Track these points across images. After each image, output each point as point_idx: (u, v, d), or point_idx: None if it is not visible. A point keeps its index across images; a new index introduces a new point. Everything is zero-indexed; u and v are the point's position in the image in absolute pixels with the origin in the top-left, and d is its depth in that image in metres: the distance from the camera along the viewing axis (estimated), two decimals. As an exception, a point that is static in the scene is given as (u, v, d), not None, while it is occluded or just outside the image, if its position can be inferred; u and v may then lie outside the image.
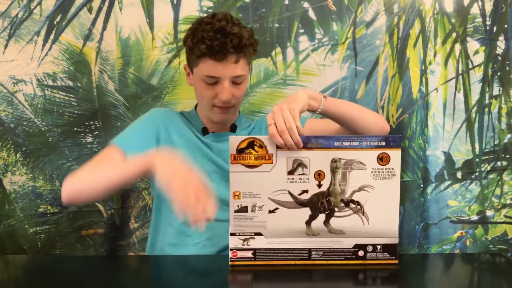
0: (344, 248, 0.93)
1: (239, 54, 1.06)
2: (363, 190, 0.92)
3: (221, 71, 1.06)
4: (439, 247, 1.48)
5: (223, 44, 1.03)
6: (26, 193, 1.45)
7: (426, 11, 1.41)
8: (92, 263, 1.00)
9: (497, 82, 1.42)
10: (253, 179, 0.91)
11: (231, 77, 1.07)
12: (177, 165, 0.91)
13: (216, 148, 1.16)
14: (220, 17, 1.06)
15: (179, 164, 0.91)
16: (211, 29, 1.04)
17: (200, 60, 1.06)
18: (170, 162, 0.92)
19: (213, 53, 1.04)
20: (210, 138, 1.17)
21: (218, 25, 1.05)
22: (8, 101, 1.42)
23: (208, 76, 1.07)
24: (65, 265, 1.00)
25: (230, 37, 1.04)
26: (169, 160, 0.92)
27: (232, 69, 1.06)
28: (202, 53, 1.05)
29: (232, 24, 1.06)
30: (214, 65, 1.05)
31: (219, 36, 1.04)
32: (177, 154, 0.94)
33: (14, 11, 1.38)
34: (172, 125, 1.16)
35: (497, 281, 0.94)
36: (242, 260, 0.93)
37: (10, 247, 1.45)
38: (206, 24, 1.06)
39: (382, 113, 1.44)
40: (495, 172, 1.45)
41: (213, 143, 1.17)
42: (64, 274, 0.94)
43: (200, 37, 1.05)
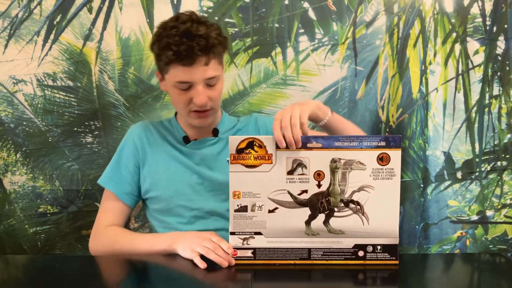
0: (344, 248, 0.93)
1: (209, 55, 1.02)
2: (363, 190, 0.92)
3: (192, 76, 1.02)
4: (439, 247, 1.48)
5: (190, 48, 0.99)
6: (26, 193, 1.45)
7: (426, 11, 1.41)
8: (92, 263, 1.00)
9: (497, 82, 1.42)
10: (252, 179, 0.91)
11: (203, 80, 1.03)
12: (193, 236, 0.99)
13: (197, 156, 1.14)
14: (185, 18, 1.02)
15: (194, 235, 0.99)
16: (176, 33, 1.00)
17: (169, 66, 1.03)
18: (188, 239, 0.98)
19: (181, 59, 1.00)
20: (191, 146, 1.15)
21: (182, 28, 1.00)
22: (8, 101, 1.42)
23: (179, 82, 1.03)
24: (65, 265, 1.00)
25: (196, 40, 1.00)
26: (187, 239, 0.99)
27: (203, 72, 1.02)
28: (170, 60, 1.01)
29: (197, 25, 1.01)
30: (184, 70, 1.02)
31: (185, 40, 0.99)
32: None
33: (14, 11, 1.38)
34: (149, 145, 1.15)
35: (497, 281, 0.94)
36: (242, 259, 0.93)
37: (10, 247, 1.45)
38: (170, 28, 1.01)
39: (382, 113, 1.44)
40: (495, 172, 1.45)
41: (194, 151, 1.15)
42: (64, 274, 0.94)
43: (165, 43, 1.00)
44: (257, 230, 0.93)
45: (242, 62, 1.42)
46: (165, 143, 1.15)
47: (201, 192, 1.12)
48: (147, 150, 1.15)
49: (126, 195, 1.14)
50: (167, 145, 1.15)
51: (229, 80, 1.43)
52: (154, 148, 1.15)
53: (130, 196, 1.14)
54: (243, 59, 1.42)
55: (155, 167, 1.14)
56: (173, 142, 1.16)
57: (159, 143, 1.15)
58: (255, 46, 1.41)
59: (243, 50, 1.42)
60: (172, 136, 1.17)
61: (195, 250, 0.95)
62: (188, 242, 0.97)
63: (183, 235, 1.01)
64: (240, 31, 1.41)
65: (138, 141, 1.15)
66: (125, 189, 1.14)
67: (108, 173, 1.16)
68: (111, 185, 1.14)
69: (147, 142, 1.15)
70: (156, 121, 1.20)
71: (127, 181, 1.14)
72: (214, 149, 1.15)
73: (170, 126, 1.19)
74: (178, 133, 1.17)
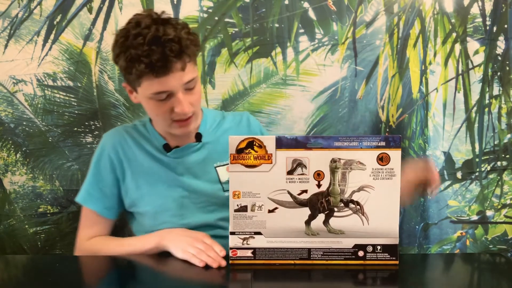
0: (344, 248, 0.93)
1: (183, 59, 0.93)
2: (363, 190, 0.92)
3: (170, 85, 0.94)
4: (439, 247, 1.48)
5: (163, 57, 0.90)
6: (26, 193, 1.45)
7: (426, 11, 1.41)
8: (92, 263, 1.00)
9: (497, 82, 1.42)
10: (252, 179, 0.91)
11: (182, 86, 0.96)
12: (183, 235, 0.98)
13: (181, 166, 1.07)
14: (148, 22, 0.92)
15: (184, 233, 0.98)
16: (142, 41, 0.90)
17: (142, 79, 0.93)
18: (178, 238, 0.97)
19: (155, 70, 0.91)
20: (172, 155, 1.07)
21: (148, 34, 0.90)
22: (8, 101, 1.42)
23: (156, 94, 0.95)
24: (65, 265, 1.00)
25: (168, 45, 0.90)
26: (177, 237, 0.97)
27: (180, 78, 0.94)
28: (142, 73, 0.92)
29: (163, 27, 0.92)
30: (160, 81, 0.93)
31: (155, 47, 0.90)
32: None
33: (14, 11, 1.38)
34: (125, 157, 1.06)
35: (497, 281, 0.94)
36: (242, 259, 0.93)
37: (10, 247, 1.45)
38: (134, 36, 0.91)
39: (382, 113, 1.44)
40: (495, 172, 1.45)
41: (176, 160, 1.07)
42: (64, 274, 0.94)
43: (134, 55, 0.90)
44: (257, 230, 0.93)
45: (242, 62, 1.42)
46: (143, 153, 1.07)
47: (188, 205, 1.06)
48: (124, 163, 1.07)
49: (108, 209, 1.08)
50: (145, 155, 1.07)
51: (229, 80, 1.43)
52: (131, 161, 1.07)
53: (111, 210, 1.09)
54: (243, 59, 1.42)
55: (135, 182, 1.06)
56: (152, 151, 1.07)
57: (136, 154, 1.07)
58: (255, 46, 1.41)
59: (243, 50, 1.42)
60: (150, 144, 1.08)
61: (187, 250, 0.94)
62: (180, 242, 0.96)
63: (172, 233, 1.00)
64: (240, 31, 1.41)
65: (113, 153, 1.07)
66: (106, 204, 1.08)
67: (87, 190, 1.09)
68: (91, 203, 1.08)
69: (123, 154, 1.07)
70: (130, 126, 1.11)
71: (107, 195, 1.08)
72: (199, 156, 1.08)
73: (147, 132, 1.09)
74: (157, 141, 1.08)
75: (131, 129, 1.10)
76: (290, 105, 1.44)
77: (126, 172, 1.07)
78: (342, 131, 1.45)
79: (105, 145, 1.09)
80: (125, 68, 0.94)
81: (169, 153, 1.07)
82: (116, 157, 1.07)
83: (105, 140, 1.09)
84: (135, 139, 1.08)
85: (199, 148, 1.09)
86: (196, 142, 1.09)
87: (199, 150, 1.09)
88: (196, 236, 0.98)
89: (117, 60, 0.96)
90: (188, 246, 0.95)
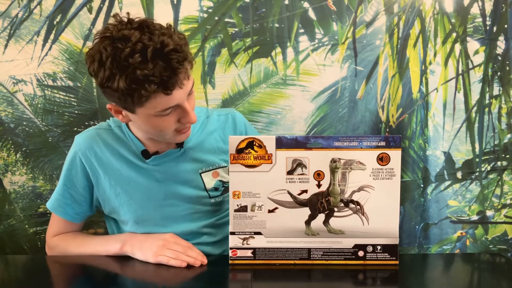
0: (344, 248, 0.93)
1: (184, 66, 0.85)
2: (363, 190, 0.92)
3: (179, 97, 0.87)
4: (439, 247, 1.48)
5: (172, 70, 0.82)
6: (26, 193, 1.45)
7: (426, 11, 1.40)
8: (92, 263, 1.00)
9: (497, 82, 1.42)
10: (252, 179, 0.91)
11: (186, 96, 0.89)
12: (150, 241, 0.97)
13: (162, 173, 1.00)
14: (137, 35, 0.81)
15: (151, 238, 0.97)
16: (145, 58, 0.80)
17: (147, 99, 0.85)
18: (145, 244, 0.96)
19: (168, 87, 0.83)
20: (152, 162, 1.00)
21: (148, 50, 0.81)
22: (8, 101, 1.42)
23: (164, 110, 0.87)
24: (65, 265, 1.00)
25: (173, 56, 0.82)
26: (143, 243, 0.97)
27: (186, 87, 0.87)
28: (150, 93, 0.83)
29: (160, 36, 0.82)
30: (170, 97, 0.85)
31: (162, 62, 0.81)
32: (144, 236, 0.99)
33: (14, 11, 1.38)
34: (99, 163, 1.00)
35: (497, 281, 0.93)
36: (242, 259, 0.93)
37: (10, 247, 1.45)
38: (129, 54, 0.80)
39: (382, 113, 1.44)
40: (495, 172, 1.45)
41: (156, 168, 1.00)
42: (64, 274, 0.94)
43: (140, 76, 0.80)
44: (257, 230, 0.93)
45: (242, 62, 1.42)
46: (119, 160, 1.00)
47: (171, 214, 1.02)
48: (99, 169, 1.00)
49: (77, 215, 1.06)
50: (121, 162, 1.00)
51: (229, 80, 1.43)
52: (107, 167, 1.00)
53: (81, 215, 1.07)
54: (243, 59, 1.42)
55: (113, 189, 1.01)
56: (129, 157, 1.00)
57: (111, 161, 1.00)
58: (255, 46, 1.41)
59: (243, 50, 1.41)
60: (127, 149, 1.00)
61: (163, 254, 0.93)
62: (149, 248, 0.95)
63: (135, 238, 0.98)
64: (240, 31, 1.41)
65: (85, 159, 1.00)
66: (76, 210, 1.05)
67: (57, 197, 1.04)
68: (60, 211, 1.04)
69: (96, 159, 1.00)
70: (104, 129, 1.03)
71: (78, 201, 1.04)
72: (181, 162, 1.02)
73: (123, 135, 1.01)
74: (135, 146, 1.00)
75: (105, 133, 1.02)
76: (290, 105, 1.44)
77: (102, 178, 1.01)
78: (342, 131, 1.45)
79: (76, 150, 1.02)
80: (126, 91, 0.83)
81: (148, 160, 1.00)
82: (88, 162, 1.00)
83: (76, 144, 1.02)
84: (109, 145, 1.01)
85: (180, 154, 1.02)
86: (177, 148, 1.01)
87: (181, 155, 1.02)
88: (166, 238, 0.97)
89: (110, 84, 0.83)
90: (163, 249, 0.94)
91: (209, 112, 1.10)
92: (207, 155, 1.05)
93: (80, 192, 1.04)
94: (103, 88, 0.85)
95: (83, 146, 1.01)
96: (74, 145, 1.03)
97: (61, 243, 1.07)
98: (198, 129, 1.05)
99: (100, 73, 0.84)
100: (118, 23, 0.85)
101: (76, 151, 1.02)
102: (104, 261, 0.99)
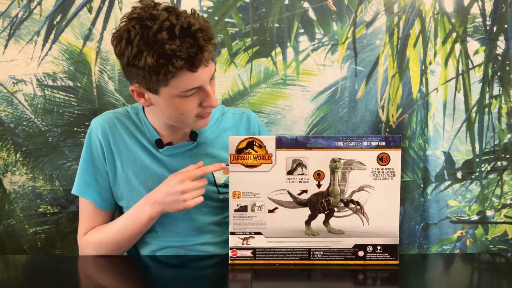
0: (344, 248, 0.93)
1: (209, 47, 0.87)
2: (363, 190, 0.92)
3: (202, 78, 0.88)
4: (439, 247, 1.48)
5: (199, 48, 0.85)
6: (26, 193, 1.45)
7: (426, 11, 1.40)
8: (92, 263, 1.00)
9: (497, 82, 1.42)
10: (252, 179, 0.91)
11: (209, 79, 0.91)
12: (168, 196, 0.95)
13: (174, 165, 1.01)
14: (165, 15, 0.84)
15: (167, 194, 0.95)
16: (173, 35, 0.83)
17: (173, 77, 0.86)
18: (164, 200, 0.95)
19: (194, 64, 0.85)
20: (165, 152, 1.01)
21: (176, 27, 0.83)
22: (8, 101, 1.42)
23: (188, 90, 0.89)
24: (65, 265, 1.00)
25: (199, 34, 0.84)
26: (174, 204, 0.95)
27: (210, 68, 0.90)
28: (177, 69, 0.84)
29: (186, 18, 0.85)
30: (194, 76, 0.87)
31: (189, 39, 0.84)
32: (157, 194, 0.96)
33: (14, 11, 1.38)
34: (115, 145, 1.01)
35: (497, 281, 0.94)
36: (242, 259, 0.93)
37: (10, 247, 1.45)
38: (158, 31, 0.83)
39: (382, 113, 1.44)
40: (495, 172, 1.45)
41: (168, 159, 1.01)
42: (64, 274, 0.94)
43: (168, 51, 0.82)
44: (257, 230, 0.93)
45: (242, 62, 1.42)
46: (135, 144, 1.01)
47: None
48: (114, 151, 1.01)
49: (106, 202, 1.04)
50: (136, 147, 1.01)
51: (229, 80, 1.43)
52: (120, 150, 1.01)
53: (108, 202, 1.05)
54: (243, 59, 1.42)
55: (125, 173, 1.01)
56: (144, 143, 1.02)
57: (127, 143, 1.01)
58: (255, 46, 1.41)
59: (243, 50, 1.42)
60: (142, 136, 1.02)
61: (190, 205, 0.94)
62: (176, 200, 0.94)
63: (157, 196, 0.96)
64: (240, 31, 1.41)
65: (103, 138, 1.01)
66: (103, 196, 1.03)
67: (83, 180, 1.03)
68: (89, 194, 1.02)
69: (113, 141, 1.01)
70: (122, 113, 1.04)
71: (104, 187, 1.03)
72: (193, 156, 1.03)
73: (139, 122, 1.03)
74: (150, 134, 1.02)
75: (123, 116, 1.03)
76: (290, 105, 1.44)
77: (116, 160, 1.02)
78: (342, 131, 1.45)
79: (94, 131, 1.02)
80: (153, 68, 0.84)
81: (161, 149, 1.02)
82: (105, 142, 1.01)
83: (93, 126, 1.03)
84: (126, 128, 1.02)
85: (193, 147, 1.04)
86: (191, 141, 1.03)
87: (193, 149, 1.04)
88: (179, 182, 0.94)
89: (137, 62, 0.85)
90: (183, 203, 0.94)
91: (225, 109, 1.11)
92: (219, 151, 1.05)
93: (103, 174, 1.03)
94: (130, 67, 0.87)
95: (101, 127, 1.02)
96: (92, 128, 1.03)
97: (91, 241, 1.02)
98: (213, 125, 1.06)
99: (127, 51, 0.86)
100: (144, 6, 0.88)
101: (94, 132, 1.02)
102: (104, 261, 0.99)
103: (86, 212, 1.05)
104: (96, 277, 0.95)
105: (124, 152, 1.02)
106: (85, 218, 1.05)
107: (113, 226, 1.02)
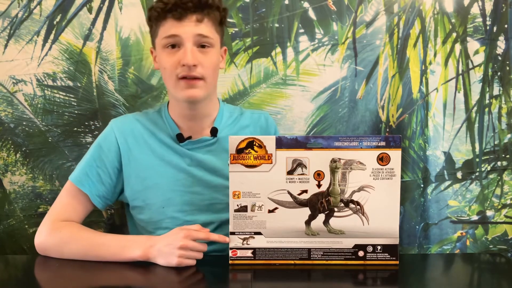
0: (344, 248, 0.93)
1: (202, 13, 0.96)
2: (363, 190, 0.92)
3: (182, 29, 0.95)
4: (439, 247, 1.48)
5: (181, 1, 0.95)
6: (26, 193, 1.45)
7: (426, 11, 1.40)
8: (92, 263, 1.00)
9: (497, 82, 1.42)
10: (252, 179, 0.91)
11: (194, 37, 0.96)
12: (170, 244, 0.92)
13: (193, 159, 1.04)
14: None
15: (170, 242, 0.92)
16: None
17: (159, 24, 0.98)
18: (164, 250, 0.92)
19: (171, 10, 0.95)
20: (185, 146, 1.04)
21: None
22: (8, 101, 1.42)
23: (168, 37, 0.97)
24: (65, 265, 1.00)
25: None
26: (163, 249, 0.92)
27: (194, 27, 0.96)
28: (159, 14, 0.97)
29: None
30: (174, 24, 0.96)
31: None
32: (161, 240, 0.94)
33: (14, 11, 1.38)
34: (136, 143, 1.04)
35: (497, 281, 0.94)
36: (242, 259, 0.93)
37: (10, 247, 1.45)
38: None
39: (382, 113, 1.44)
40: (495, 172, 1.45)
41: (188, 153, 1.04)
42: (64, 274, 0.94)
43: (155, 4, 0.97)
44: (257, 230, 0.93)
45: (242, 62, 1.42)
46: (154, 140, 1.04)
47: (195, 201, 1.03)
48: (133, 151, 1.04)
49: (100, 198, 1.04)
50: (156, 143, 1.04)
51: (229, 80, 1.43)
52: (141, 148, 1.04)
53: (103, 199, 1.04)
54: (243, 59, 1.42)
55: (143, 171, 1.03)
56: (164, 139, 1.05)
57: (147, 141, 1.04)
58: (255, 46, 1.41)
59: (243, 50, 1.41)
60: (163, 132, 1.05)
61: (182, 263, 0.92)
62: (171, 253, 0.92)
63: (158, 242, 0.93)
64: (240, 31, 1.41)
65: (122, 139, 1.04)
66: (100, 191, 1.03)
67: (83, 170, 1.03)
68: (86, 185, 1.02)
69: (134, 141, 1.04)
70: (141, 114, 1.09)
71: (103, 182, 1.03)
72: (213, 151, 1.06)
73: (160, 119, 1.07)
74: (171, 129, 1.05)
75: (142, 117, 1.08)
76: (290, 105, 1.44)
77: (132, 159, 1.03)
78: (342, 131, 1.45)
79: (112, 130, 1.05)
80: (151, 16, 0.99)
81: (182, 143, 1.04)
82: (124, 142, 1.04)
83: (113, 125, 1.06)
84: (145, 126, 1.06)
85: (213, 143, 1.06)
86: (211, 137, 1.06)
87: (213, 145, 1.06)
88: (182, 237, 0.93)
89: (149, 23, 1.01)
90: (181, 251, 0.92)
91: (243, 110, 1.16)
92: None
93: (108, 172, 1.04)
94: (149, 27, 1.03)
95: (121, 128, 1.05)
96: (110, 125, 1.07)
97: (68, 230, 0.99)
98: (232, 122, 1.10)
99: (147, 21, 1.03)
100: None
101: (112, 129, 1.05)
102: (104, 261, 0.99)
103: (72, 198, 1.03)
104: (96, 277, 0.95)
105: (143, 149, 1.04)
106: (66, 202, 1.04)
107: (99, 236, 1.00)
